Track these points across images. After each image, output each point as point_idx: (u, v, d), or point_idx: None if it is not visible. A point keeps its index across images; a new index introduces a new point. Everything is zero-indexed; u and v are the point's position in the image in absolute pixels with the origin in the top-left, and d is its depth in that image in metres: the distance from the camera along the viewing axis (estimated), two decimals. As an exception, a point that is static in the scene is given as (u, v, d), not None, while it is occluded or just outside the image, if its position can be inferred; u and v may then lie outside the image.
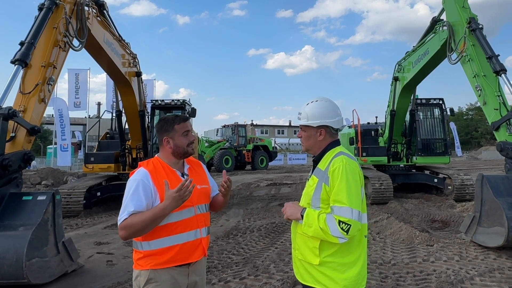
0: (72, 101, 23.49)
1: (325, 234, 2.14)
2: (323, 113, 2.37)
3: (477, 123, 67.13)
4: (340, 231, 2.11)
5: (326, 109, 2.39)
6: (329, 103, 2.42)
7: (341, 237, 2.12)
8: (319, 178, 2.29)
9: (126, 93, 10.75)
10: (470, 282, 4.96)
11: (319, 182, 2.27)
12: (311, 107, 2.40)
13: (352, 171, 2.20)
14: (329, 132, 2.39)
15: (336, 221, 2.12)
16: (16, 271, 4.46)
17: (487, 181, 6.42)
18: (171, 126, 2.51)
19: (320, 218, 2.17)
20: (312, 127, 2.39)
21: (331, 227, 2.12)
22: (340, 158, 2.24)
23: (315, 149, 2.43)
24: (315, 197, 2.28)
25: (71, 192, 10.07)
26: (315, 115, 2.37)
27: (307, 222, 2.22)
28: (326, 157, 2.34)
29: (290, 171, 28.85)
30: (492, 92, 7.42)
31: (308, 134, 2.42)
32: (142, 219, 2.23)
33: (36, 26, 6.32)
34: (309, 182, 2.40)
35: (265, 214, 10.16)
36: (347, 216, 2.11)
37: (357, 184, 2.20)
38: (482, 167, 29.53)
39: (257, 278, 5.17)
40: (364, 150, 13.03)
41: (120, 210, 2.31)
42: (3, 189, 5.31)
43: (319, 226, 2.15)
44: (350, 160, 2.25)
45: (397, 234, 7.41)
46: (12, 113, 5.41)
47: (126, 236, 2.28)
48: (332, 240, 2.15)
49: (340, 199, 2.14)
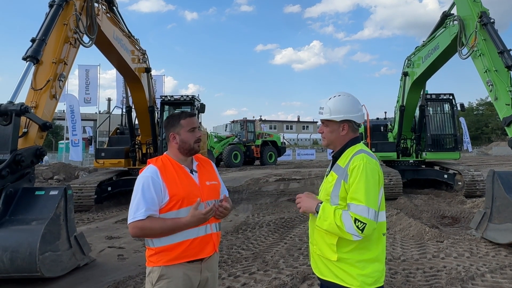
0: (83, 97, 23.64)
1: (340, 230, 2.14)
2: (346, 108, 2.36)
3: (487, 119, 66.31)
4: (355, 229, 2.10)
5: (348, 103, 2.37)
6: (352, 98, 2.41)
7: (356, 235, 2.12)
8: (339, 175, 2.28)
9: (136, 89, 10.83)
10: (481, 278, 4.92)
11: (338, 179, 2.26)
12: (334, 102, 2.38)
13: (372, 170, 2.19)
14: (352, 127, 2.38)
15: (352, 218, 2.11)
16: (29, 264, 4.53)
17: (499, 177, 6.37)
18: (177, 121, 2.53)
19: (336, 214, 2.16)
20: (335, 122, 2.36)
21: (346, 224, 2.12)
22: (361, 156, 2.23)
23: (336, 143, 2.41)
24: (333, 194, 2.27)
25: (82, 187, 10.19)
26: (338, 110, 2.35)
27: (323, 215, 2.21)
28: (346, 154, 2.33)
29: (299, 166, 28.75)
30: (504, 87, 7.33)
31: (331, 129, 2.39)
32: (162, 227, 2.31)
33: (47, 23, 6.38)
34: (328, 178, 2.39)
35: (274, 209, 10.18)
36: (363, 215, 2.10)
37: (375, 183, 2.19)
38: (493, 163, 29.21)
39: (266, 273, 5.19)
40: (373, 145, 12.97)
41: (131, 206, 2.33)
42: (16, 184, 5.39)
43: (334, 221, 2.15)
44: (370, 159, 2.24)
45: (406, 230, 7.38)
46: (24, 109, 5.47)
47: (139, 235, 2.34)
48: (346, 236, 2.14)
49: (357, 197, 2.14)
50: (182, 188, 2.40)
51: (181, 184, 2.42)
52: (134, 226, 2.28)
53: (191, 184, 2.47)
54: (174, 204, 2.37)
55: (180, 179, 2.44)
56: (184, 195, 2.39)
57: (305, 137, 79.09)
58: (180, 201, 2.38)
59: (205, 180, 2.55)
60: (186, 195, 2.40)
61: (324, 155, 44.00)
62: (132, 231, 2.30)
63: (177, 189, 2.38)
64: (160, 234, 2.33)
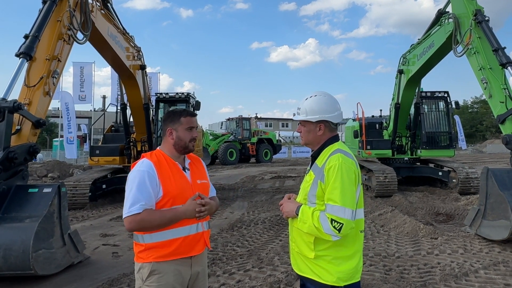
0: (77, 94, 23.53)
1: (319, 231, 2.18)
2: (322, 108, 2.37)
3: (482, 116, 66.67)
4: (332, 229, 2.14)
5: (325, 104, 2.38)
6: (328, 98, 2.41)
7: (334, 235, 2.16)
8: (316, 174, 2.31)
9: (131, 86, 10.76)
10: (475, 275, 4.96)
11: (315, 179, 2.29)
12: (310, 102, 2.40)
13: (347, 170, 2.21)
14: (329, 126, 2.39)
15: (328, 219, 2.15)
16: (22, 262, 4.50)
17: (493, 174, 6.40)
18: (177, 118, 2.53)
19: (314, 216, 2.21)
20: (311, 122, 2.39)
21: (324, 225, 2.16)
22: (337, 156, 2.24)
23: (314, 143, 2.43)
24: (311, 193, 2.30)
25: (76, 184, 10.14)
26: (314, 110, 2.37)
27: (302, 218, 2.26)
28: (324, 153, 2.35)
29: (295, 164, 28.84)
30: (498, 85, 7.35)
31: (308, 129, 2.42)
32: (161, 218, 2.30)
33: (40, 19, 6.32)
34: (306, 177, 2.42)
35: (269, 207, 10.19)
36: (339, 215, 2.14)
37: (351, 182, 2.21)
38: (487, 160, 29.38)
39: (261, 270, 5.20)
40: (369, 143, 13.00)
41: (127, 200, 2.30)
42: (9, 181, 5.35)
43: (313, 223, 2.19)
44: (346, 158, 2.26)
45: (401, 227, 7.41)
46: (17, 106, 5.42)
47: (136, 229, 2.32)
48: (325, 237, 2.19)
49: (333, 198, 2.17)
50: (175, 185, 2.40)
51: (175, 182, 2.41)
52: (131, 220, 2.26)
53: (184, 182, 2.47)
54: (167, 201, 2.37)
55: (174, 176, 2.44)
56: (177, 193, 2.39)
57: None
58: (172, 199, 2.38)
59: (197, 179, 2.57)
60: (179, 192, 2.40)
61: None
62: (129, 225, 2.28)
63: (171, 186, 2.38)
64: (158, 226, 2.31)
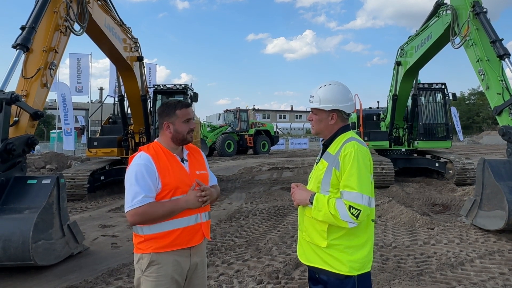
0: (74, 86, 23.40)
1: (335, 218, 2.16)
2: (336, 97, 2.35)
3: (479, 108, 66.87)
4: (350, 216, 2.13)
5: (339, 93, 2.36)
6: (342, 87, 2.40)
7: (351, 222, 2.15)
8: (329, 162, 2.28)
9: (128, 78, 10.74)
10: (470, 264, 5.02)
11: (329, 167, 2.27)
12: (324, 91, 2.37)
13: (363, 157, 2.21)
14: (341, 116, 2.38)
15: (346, 206, 2.14)
16: (22, 253, 4.53)
17: (489, 165, 6.45)
18: (172, 111, 2.50)
19: (330, 203, 2.18)
20: (324, 111, 2.36)
21: (341, 212, 2.14)
22: (352, 144, 2.24)
23: (325, 133, 2.41)
24: (324, 181, 2.28)
25: (75, 176, 10.16)
26: (327, 99, 2.35)
27: (317, 206, 2.23)
28: (336, 141, 2.34)
29: (292, 155, 28.85)
30: (495, 77, 7.38)
31: (320, 118, 2.39)
32: (163, 209, 2.31)
33: (37, 11, 6.27)
34: (318, 166, 2.39)
35: (267, 198, 10.23)
36: (357, 201, 2.13)
37: (367, 170, 2.22)
38: (483, 151, 29.51)
39: (259, 260, 5.25)
40: (366, 134, 13.02)
41: (128, 194, 2.31)
42: (7, 173, 5.36)
43: (329, 210, 2.17)
44: (361, 146, 2.26)
45: (398, 218, 7.47)
46: (15, 98, 5.41)
47: (139, 222, 2.32)
48: (342, 224, 2.17)
49: (350, 185, 2.16)
50: (174, 177, 2.41)
51: (173, 174, 2.42)
52: (134, 213, 2.27)
53: (183, 173, 2.47)
54: (167, 193, 2.38)
55: (173, 168, 2.44)
56: (176, 185, 2.40)
57: (298, 126, 79.09)
58: (172, 191, 2.39)
59: (195, 169, 2.56)
60: (178, 184, 2.41)
61: (317, 144, 44.10)
62: (132, 218, 2.29)
63: (169, 178, 2.39)
64: (161, 217, 2.32)
